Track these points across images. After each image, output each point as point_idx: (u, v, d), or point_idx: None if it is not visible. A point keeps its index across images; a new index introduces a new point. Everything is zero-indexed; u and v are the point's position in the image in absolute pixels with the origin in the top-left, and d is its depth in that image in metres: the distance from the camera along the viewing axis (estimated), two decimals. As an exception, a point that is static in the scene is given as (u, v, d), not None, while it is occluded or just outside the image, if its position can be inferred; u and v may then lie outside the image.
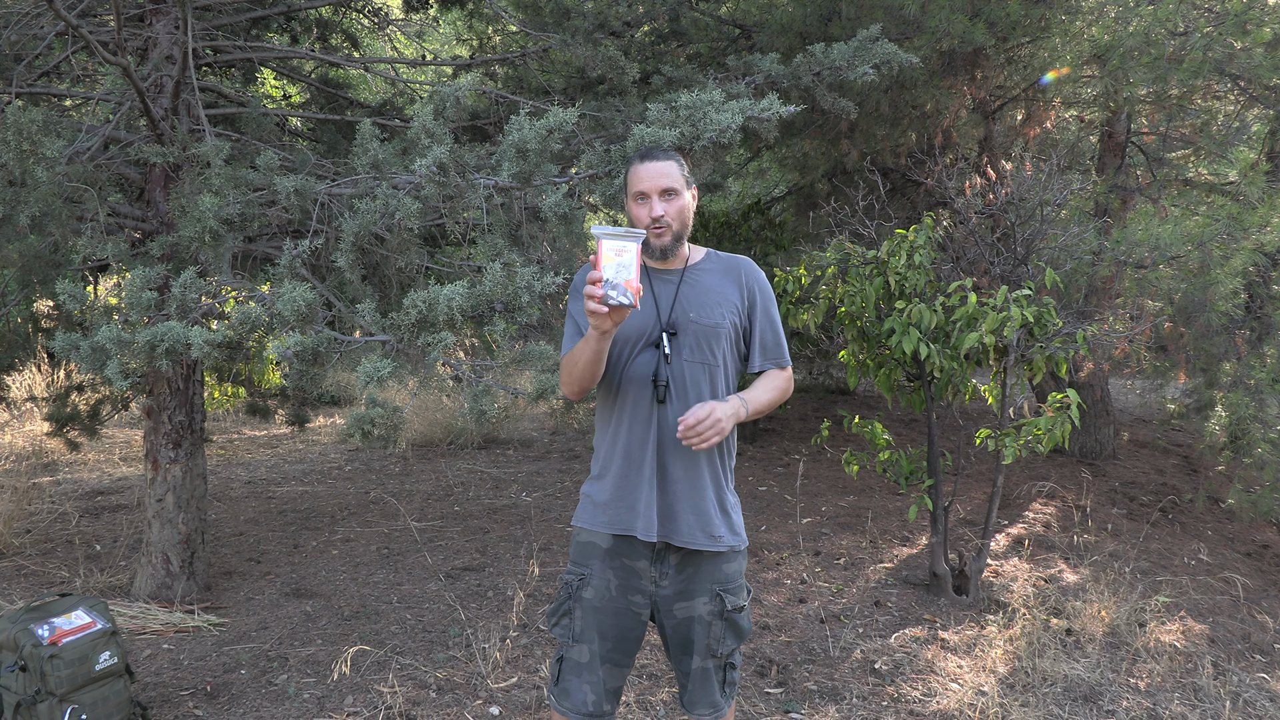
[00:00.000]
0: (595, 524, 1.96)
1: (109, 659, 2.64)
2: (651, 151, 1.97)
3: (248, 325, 2.70)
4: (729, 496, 2.00)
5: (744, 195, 9.24)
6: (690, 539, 1.90)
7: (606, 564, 1.95)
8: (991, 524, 3.95)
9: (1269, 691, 3.32)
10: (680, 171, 1.95)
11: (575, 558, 2.00)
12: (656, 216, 1.92)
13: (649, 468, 1.90)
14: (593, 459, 2.06)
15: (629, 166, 1.98)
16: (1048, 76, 5.64)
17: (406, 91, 5.68)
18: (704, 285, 2.00)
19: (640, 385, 1.93)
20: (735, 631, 1.98)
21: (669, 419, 1.91)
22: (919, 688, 3.16)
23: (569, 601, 1.97)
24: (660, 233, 1.94)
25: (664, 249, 1.95)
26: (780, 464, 6.70)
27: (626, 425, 1.93)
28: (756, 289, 2.04)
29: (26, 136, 2.82)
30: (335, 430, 8.42)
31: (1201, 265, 4.42)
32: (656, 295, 1.98)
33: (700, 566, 1.94)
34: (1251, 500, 4.63)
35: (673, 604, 1.95)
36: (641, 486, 1.91)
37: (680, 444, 1.91)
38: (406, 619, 3.69)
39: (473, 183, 3.01)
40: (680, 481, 1.91)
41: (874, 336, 3.93)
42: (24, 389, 7.21)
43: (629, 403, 1.93)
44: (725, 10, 5.85)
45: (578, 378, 1.90)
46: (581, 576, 1.96)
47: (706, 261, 2.06)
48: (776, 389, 2.01)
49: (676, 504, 1.91)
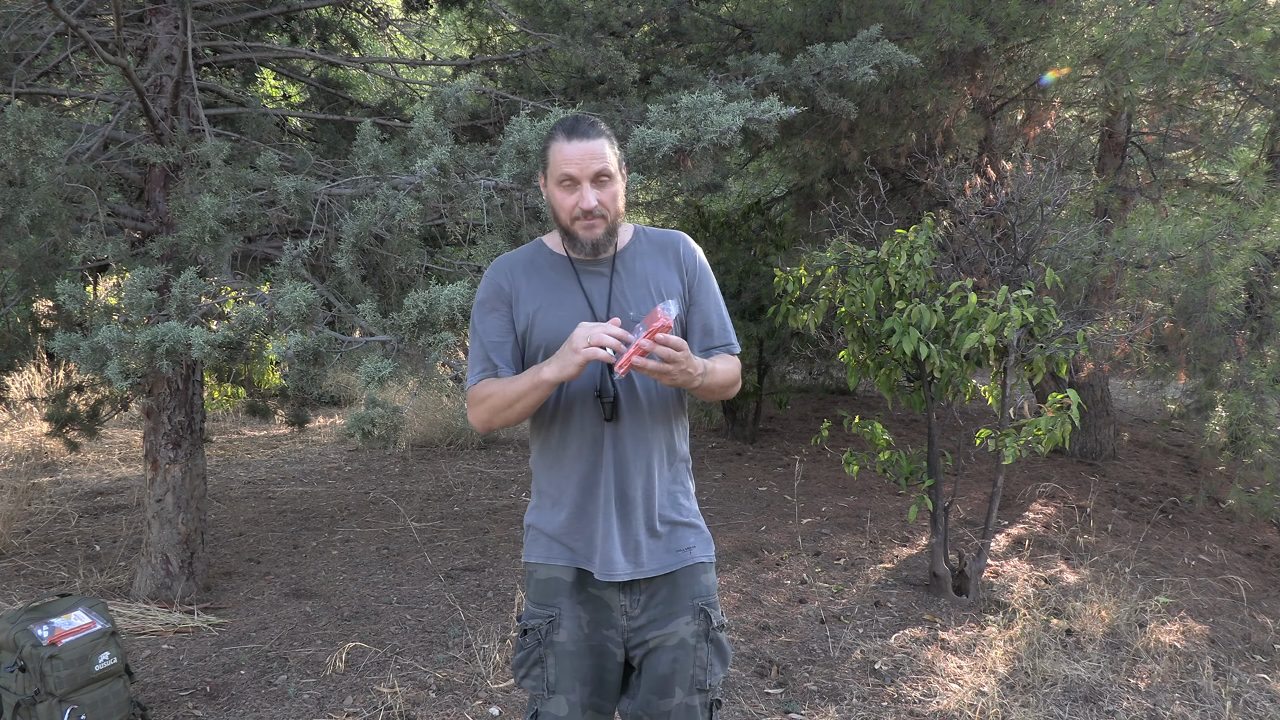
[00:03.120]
0: (554, 558, 1.71)
1: (108, 659, 2.64)
2: (578, 125, 1.63)
3: (248, 325, 2.70)
4: (689, 502, 1.77)
5: (744, 195, 9.25)
6: (661, 564, 1.69)
7: (575, 599, 1.69)
8: (991, 524, 3.95)
9: (1269, 692, 3.32)
10: (613, 150, 1.66)
11: (537, 598, 1.72)
12: (588, 209, 1.62)
13: (603, 496, 1.66)
14: (534, 484, 1.79)
15: (550, 141, 1.65)
16: (1048, 76, 5.63)
17: (406, 91, 5.68)
18: (640, 273, 1.72)
19: (584, 402, 1.67)
20: (721, 656, 1.72)
21: (623, 438, 1.67)
22: (919, 688, 3.16)
23: (539, 649, 1.69)
24: (592, 225, 1.64)
25: (595, 243, 1.66)
26: (780, 464, 6.70)
27: (573, 449, 1.68)
28: (696, 267, 1.77)
29: (26, 136, 2.81)
30: (335, 430, 8.42)
31: (1202, 265, 4.42)
32: (587, 292, 1.70)
33: (676, 585, 1.71)
34: (1252, 500, 4.63)
35: (646, 634, 1.69)
36: (598, 518, 1.67)
37: (641, 464, 1.68)
38: (406, 619, 3.69)
39: (473, 183, 3.01)
40: (640, 506, 1.68)
41: (874, 336, 3.93)
42: (24, 389, 7.21)
43: (574, 423, 1.68)
44: (725, 10, 5.84)
45: (511, 416, 1.64)
46: (550, 618, 1.69)
47: (637, 244, 1.76)
48: (730, 372, 1.73)
49: (640, 531, 1.68)
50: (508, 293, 1.72)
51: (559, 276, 1.72)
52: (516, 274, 1.73)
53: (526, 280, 1.72)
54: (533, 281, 1.72)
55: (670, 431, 1.74)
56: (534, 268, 1.74)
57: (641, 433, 1.68)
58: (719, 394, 1.72)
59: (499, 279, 1.74)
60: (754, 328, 6.58)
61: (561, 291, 1.70)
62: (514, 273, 1.74)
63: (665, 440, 1.72)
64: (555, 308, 1.68)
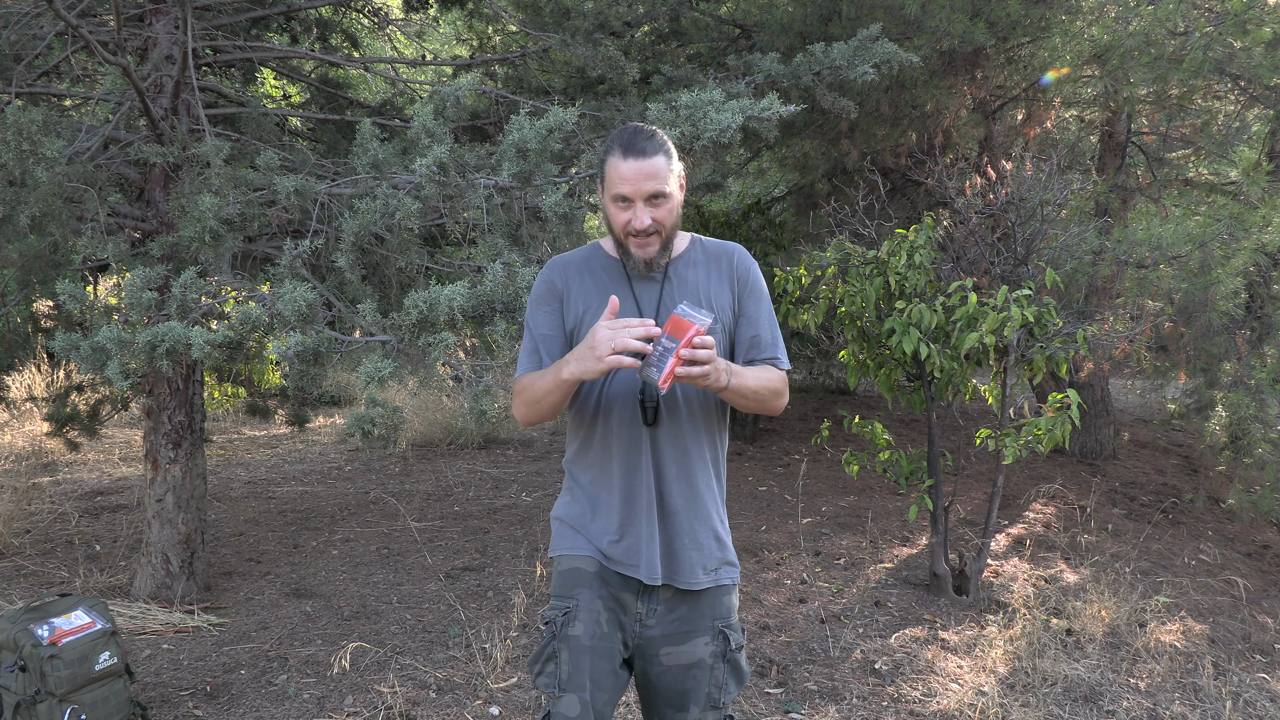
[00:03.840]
0: (578, 548, 1.70)
1: (109, 659, 2.64)
2: (636, 141, 1.61)
3: (248, 325, 2.70)
4: (723, 522, 1.77)
5: (744, 195, 9.24)
6: (693, 579, 1.68)
7: (595, 592, 1.66)
8: (991, 524, 3.95)
9: (1269, 691, 3.32)
10: (670, 167, 1.63)
11: (558, 589, 1.70)
12: (641, 229, 1.62)
13: (645, 500, 1.66)
14: (566, 483, 1.78)
15: (608, 154, 1.64)
16: (1048, 76, 5.64)
17: (406, 91, 5.67)
18: (692, 283, 1.74)
19: (625, 406, 1.67)
20: (737, 676, 1.72)
21: (662, 443, 1.67)
22: (919, 688, 3.16)
23: (554, 642, 1.64)
24: (646, 244, 1.65)
25: (649, 261, 1.67)
26: (780, 464, 6.70)
27: (615, 452, 1.68)
28: (749, 280, 1.78)
29: (26, 136, 2.81)
30: (335, 430, 8.42)
31: (1202, 265, 4.42)
32: (638, 298, 1.72)
33: (698, 604, 1.70)
34: (1252, 500, 4.63)
35: (659, 648, 1.68)
36: (639, 522, 1.66)
37: (680, 471, 1.68)
38: (406, 619, 3.69)
39: (473, 183, 3.01)
40: (680, 514, 1.68)
41: (874, 336, 3.93)
42: (24, 389, 7.20)
43: (614, 426, 1.68)
44: (725, 10, 5.84)
45: (543, 411, 1.65)
46: (567, 610, 1.65)
47: (692, 252, 1.78)
48: (766, 382, 1.67)
49: (676, 539, 1.68)
50: (560, 290, 1.75)
51: (611, 280, 1.74)
52: (570, 273, 1.76)
53: (579, 280, 1.75)
54: (585, 282, 1.74)
55: (713, 441, 1.74)
56: (588, 269, 1.76)
57: (680, 440, 1.68)
58: (755, 402, 1.65)
59: (553, 276, 1.76)
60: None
61: (613, 295, 1.68)
62: (568, 272, 1.76)
63: (706, 449, 1.72)
64: (604, 310, 1.65)
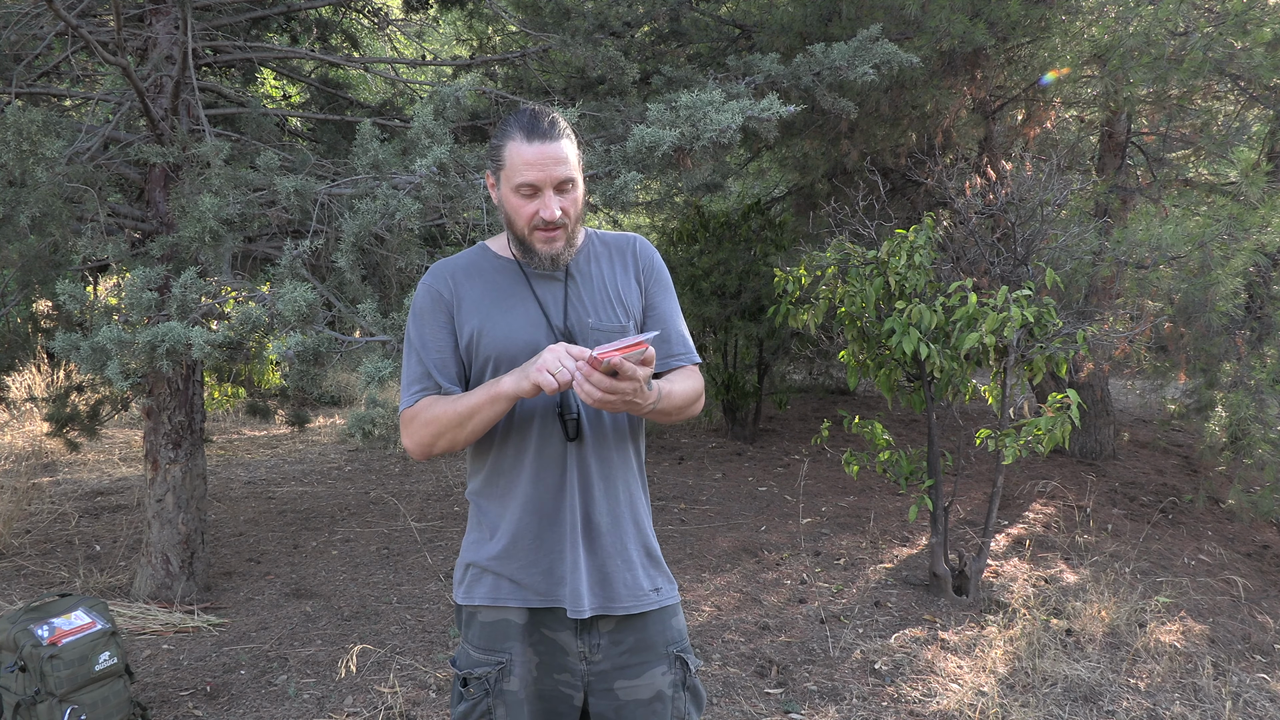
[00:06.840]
0: (503, 598, 1.53)
1: (109, 659, 2.64)
2: (538, 124, 1.46)
3: (248, 325, 2.70)
4: (652, 535, 1.63)
5: (744, 195, 9.24)
6: (632, 602, 1.54)
7: (526, 643, 1.53)
8: (991, 524, 3.95)
9: (1269, 692, 3.32)
10: (574, 151, 1.50)
11: (481, 644, 1.54)
12: (551, 219, 1.47)
13: (569, 523, 1.51)
14: (473, 518, 1.60)
15: (505, 140, 1.47)
16: (1048, 76, 5.64)
17: (406, 91, 5.68)
18: (596, 278, 1.58)
19: (543, 422, 1.51)
20: (697, 703, 1.60)
21: (588, 458, 1.52)
22: (919, 688, 3.16)
23: (487, 699, 1.51)
24: (552, 238, 1.50)
25: (555, 257, 1.51)
26: (780, 464, 6.70)
27: (530, 473, 1.52)
28: (654, 271, 1.63)
29: (26, 136, 2.82)
30: (335, 430, 8.42)
31: (1202, 265, 4.42)
32: (541, 299, 1.54)
33: (645, 631, 1.55)
34: (1252, 501, 4.63)
35: (612, 681, 1.54)
36: (563, 548, 1.51)
37: (606, 487, 1.54)
38: (406, 619, 3.69)
39: (473, 183, 3.02)
40: (608, 534, 1.53)
41: (874, 336, 3.93)
42: (24, 389, 7.21)
43: (531, 444, 1.52)
44: (725, 10, 5.85)
45: (461, 439, 1.47)
46: (499, 665, 1.51)
47: (590, 246, 1.62)
48: (690, 390, 1.55)
49: (609, 562, 1.53)
50: (449, 300, 1.55)
51: (507, 282, 1.56)
52: (460, 279, 1.57)
53: (470, 287, 1.56)
54: (476, 288, 1.56)
55: (637, 449, 1.62)
56: (477, 272, 1.58)
57: (605, 451, 1.54)
58: (678, 416, 1.54)
59: (438, 285, 1.56)
60: (754, 328, 6.58)
61: (511, 299, 1.55)
62: (456, 278, 1.57)
63: (632, 457, 1.60)
64: (504, 316, 1.53)
